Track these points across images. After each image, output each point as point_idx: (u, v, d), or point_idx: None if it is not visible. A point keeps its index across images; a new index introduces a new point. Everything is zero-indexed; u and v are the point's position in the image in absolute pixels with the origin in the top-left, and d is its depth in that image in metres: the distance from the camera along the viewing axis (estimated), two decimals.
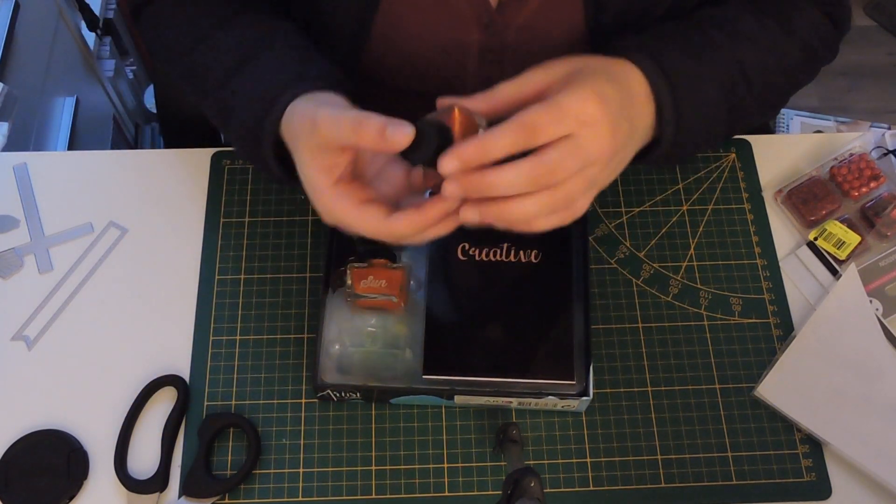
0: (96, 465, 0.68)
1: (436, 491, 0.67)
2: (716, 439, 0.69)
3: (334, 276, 0.71)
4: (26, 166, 0.81)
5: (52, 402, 0.70)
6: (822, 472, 0.68)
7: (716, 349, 0.73)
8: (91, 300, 0.75)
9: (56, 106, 1.42)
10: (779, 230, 0.78)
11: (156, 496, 0.66)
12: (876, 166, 0.78)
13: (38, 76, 1.35)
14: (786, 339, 0.73)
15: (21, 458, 0.67)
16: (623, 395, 0.71)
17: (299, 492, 0.67)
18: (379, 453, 0.69)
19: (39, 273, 0.76)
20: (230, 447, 0.69)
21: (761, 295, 0.75)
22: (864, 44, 2.04)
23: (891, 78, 2.00)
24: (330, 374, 0.68)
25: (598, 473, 0.68)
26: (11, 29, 1.24)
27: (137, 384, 0.70)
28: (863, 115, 1.90)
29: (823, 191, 0.78)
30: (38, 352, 0.72)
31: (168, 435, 0.68)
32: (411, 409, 0.70)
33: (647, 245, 0.77)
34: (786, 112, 1.75)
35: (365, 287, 0.69)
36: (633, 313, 0.74)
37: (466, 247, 0.71)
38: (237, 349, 0.72)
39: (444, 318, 0.68)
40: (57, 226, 0.78)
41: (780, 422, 0.70)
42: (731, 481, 0.68)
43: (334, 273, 0.71)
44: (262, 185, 0.79)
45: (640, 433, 0.69)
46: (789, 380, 0.70)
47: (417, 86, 0.77)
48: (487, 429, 0.70)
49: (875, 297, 0.74)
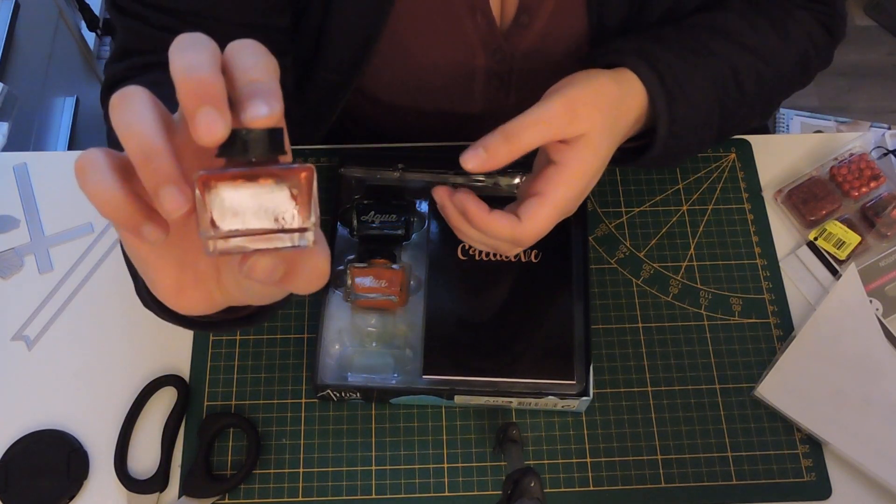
0: (96, 465, 0.68)
1: (436, 491, 0.67)
2: (716, 439, 0.69)
3: (334, 275, 0.71)
4: (26, 166, 0.81)
5: (52, 402, 0.70)
6: (822, 472, 0.68)
7: (716, 349, 0.73)
8: (91, 300, 0.75)
9: (56, 106, 1.42)
10: (779, 230, 0.78)
11: (156, 496, 0.66)
12: (876, 166, 0.78)
13: (38, 76, 1.36)
14: (786, 339, 0.73)
15: (21, 458, 0.67)
16: (623, 395, 0.71)
17: (299, 492, 0.67)
18: (379, 453, 0.69)
19: (39, 273, 0.76)
20: (230, 447, 0.69)
21: (761, 295, 0.75)
22: (864, 44, 2.04)
23: (891, 78, 2.00)
24: (330, 374, 0.68)
25: (598, 473, 0.68)
26: (11, 29, 1.24)
27: (137, 384, 0.70)
28: (863, 115, 1.90)
29: (823, 191, 0.78)
30: (38, 352, 0.72)
31: (168, 435, 0.68)
32: (411, 409, 0.70)
33: (647, 245, 0.77)
34: (786, 112, 1.75)
35: (365, 287, 0.69)
36: (633, 313, 0.74)
37: (466, 246, 0.71)
38: (237, 349, 0.72)
39: (444, 318, 0.68)
40: (57, 226, 0.78)
41: (780, 422, 0.70)
42: (731, 481, 0.68)
43: (334, 273, 0.71)
44: None
45: (640, 433, 0.69)
46: (789, 380, 0.70)
47: (420, 105, 0.77)
48: (487, 429, 0.70)
49: (875, 297, 0.74)
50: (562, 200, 0.57)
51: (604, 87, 0.59)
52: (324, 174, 0.80)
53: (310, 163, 0.37)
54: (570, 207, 0.59)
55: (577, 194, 0.58)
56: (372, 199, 0.74)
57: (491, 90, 0.73)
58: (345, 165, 0.75)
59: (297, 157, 0.80)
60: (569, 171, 0.57)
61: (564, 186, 0.57)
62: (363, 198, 0.74)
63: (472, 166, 0.54)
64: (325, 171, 0.80)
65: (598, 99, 0.57)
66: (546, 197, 0.57)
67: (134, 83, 0.38)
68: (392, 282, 0.68)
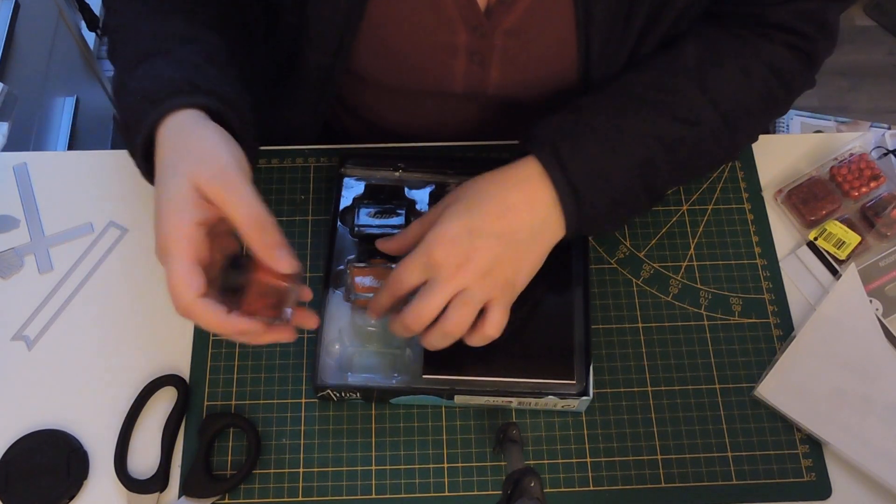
0: (96, 465, 0.68)
1: (436, 491, 0.67)
2: (716, 439, 0.69)
3: (334, 275, 0.71)
4: (26, 166, 0.81)
5: (52, 402, 0.70)
6: (822, 472, 0.68)
7: (716, 349, 0.73)
8: (91, 300, 0.75)
9: (56, 106, 1.42)
10: (779, 230, 0.78)
11: (156, 496, 0.66)
12: (876, 166, 0.78)
13: (38, 76, 1.36)
14: (786, 339, 0.73)
15: (21, 458, 0.67)
16: (623, 395, 0.71)
17: (299, 492, 0.67)
18: (379, 453, 0.69)
19: (39, 273, 0.76)
20: (230, 447, 0.69)
21: (761, 295, 0.75)
22: (864, 44, 2.04)
23: (891, 78, 2.00)
24: (330, 374, 0.68)
25: (598, 473, 0.68)
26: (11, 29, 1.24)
27: (137, 384, 0.70)
28: (863, 115, 1.90)
29: (823, 191, 0.78)
30: (38, 352, 0.72)
31: (168, 435, 0.68)
32: (411, 409, 0.70)
33: (647, 245, 0.77)
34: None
35: (365, 287, 0.69)
36: (633, 313, 0.74)
37: None
38: (237, 349, 0.72)
39: None
40: (57, 226, 0.78)
41: (780, 422, 0.70)
42: (731, 481, 0.68)
43: (334, 273, 0.71)
44: (262, 186, 0.79)
45: (640, 433, 0.69)
46: (789, 380, 0.70)
47: (404, 84, 0.78)
48: (487, 429, 0.70)
49: (875, 297, 0.74)
50: (430, 215, 0.65)
51: (487, 182, 0.66)
52: (324, 174, 0.80)
53: (310, 163, 0.40)
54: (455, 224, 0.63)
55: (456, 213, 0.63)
56: (372, 199, 0.74)
57: (473, 68, 0.74)
58: (345, 165, 0.75)
59: (298, 157, 0.80)
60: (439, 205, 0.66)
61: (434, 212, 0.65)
62: (363, 198, 0.74)
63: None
64: (325, 171, 0.80)
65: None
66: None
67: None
68: None
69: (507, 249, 0.63)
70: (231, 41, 0.70)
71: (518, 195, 0.64)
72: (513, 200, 0.64)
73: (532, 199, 0.64)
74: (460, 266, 0.61)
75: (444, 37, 0.71)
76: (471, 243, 0.61)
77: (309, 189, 0.79)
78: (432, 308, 0.61)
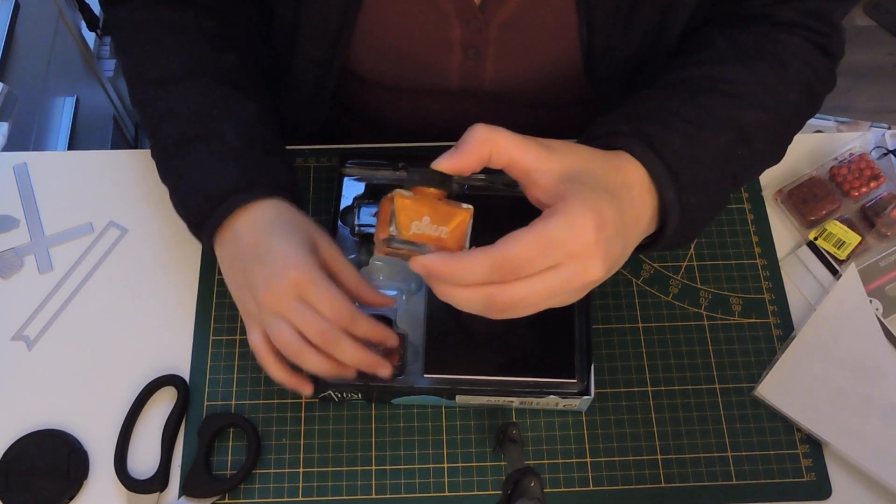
0: (96, 465, 0.68)
1: (436, 491, 0.67)
2: (716, 439, 0.69)
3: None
4: (26, 166, 0.81)
5: (52, 402, 0.70)
6: (822, 472, 0.68)
7: (716, 349, 0.73)
8: (91, 300, 0.75)
9: (56, 106, 1.42)
10: (779, 230, 0.78)
11: (156, 496, 0.66)
12: (876, 166, 0.78)
13: (38, 76, 1.35)
14: (786, 339, 0.73)
15: (21, 458, 0.67)
16: (623, 395, 0.71)
17: (299, 492, 0.67)
18: (379, 453, 0.69)
19: (39, 273, 0.76)
20: (230, 447, 0.69)
21: (761, 295, 0.75)
22: (864, 44, 2.04)
23: (891, 78, 2.00)
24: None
25: (598, 473, 0.68)
26: (11, 29, 1.24)
27: (137, 384, 0.70)
28: (863, 115, 1.90)
29: (823, 191, 0.78)
30: (38, 352, 0.72)
31: (168, 435, 0.68)
32: (411, 409, 0.70)
33: None
34: None
35: (416, 233, 0.51)
36: (633, 313, 0.74)
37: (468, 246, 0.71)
38: (237, 349, 0.72)
39: (445, 317, 0.68)
40: (57, 226, 0.78)
41: (780, 422, 0.70)
42: (731, 481, 0.68)
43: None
44: None
45: (640, 433, 0.69)
46: (789, 380, 0.70)
47: (401, 80, 0.78)
48: (487, 429, 0.70)
49: (875, 297, 0.74)
50: (552, 230, 0.49)
51: (606, 168, 0.55)
52: (324, 174, 0.80)
53: (310, 163, 0.38)
54: (564, 250, 0.49)
55: (579, 235, 0.49)
56: (372, 198, 0.74)
57: (468, 62, 0.73)
58: (345, 165, 0.75)
59: (298, 157, 0.80)
60: (566, 205, 0.50)
61: (557, 217, 0.50)
62: (363, 198, 0.74)
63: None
64: (325, 171, 0.80)
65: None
66: (531, 225, 0.50)
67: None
68: (457, 231, 0.53)
69: (626, 247, 0.55)
70: (244, 55, 0.73)
71: (639, 184, 0.56)
72: (638, 201, 0.56)
73: (648, 194, 0.57)
74: (603, 259, 0.51)
75: (438, 31, 0.71)
76: (615, 237, 0.52)
77: (309, 189, 0.79)
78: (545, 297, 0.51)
